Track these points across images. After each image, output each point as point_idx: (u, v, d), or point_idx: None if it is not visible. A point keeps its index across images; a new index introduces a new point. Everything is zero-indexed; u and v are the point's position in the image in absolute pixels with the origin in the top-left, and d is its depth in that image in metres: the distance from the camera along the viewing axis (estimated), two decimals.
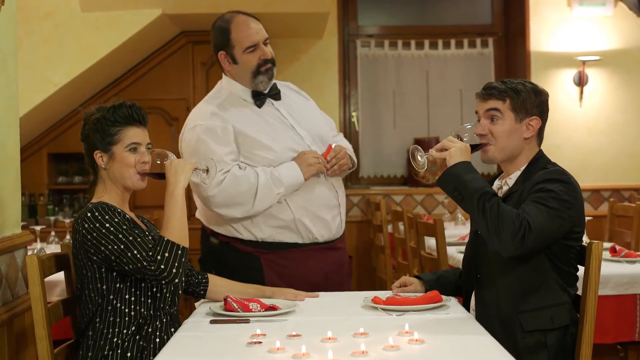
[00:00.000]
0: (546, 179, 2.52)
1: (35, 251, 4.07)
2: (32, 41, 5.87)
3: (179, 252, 2.46)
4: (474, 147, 2.64)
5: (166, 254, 2.44)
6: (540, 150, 2.69)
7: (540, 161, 2.65)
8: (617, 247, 3.73)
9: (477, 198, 2.47)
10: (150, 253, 2.44)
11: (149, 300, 2.54)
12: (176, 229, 2.50)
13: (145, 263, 2.43)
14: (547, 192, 2.49)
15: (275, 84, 3.27)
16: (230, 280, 2.89)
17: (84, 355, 2.50)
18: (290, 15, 6.44)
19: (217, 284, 2.83)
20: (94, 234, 2.46)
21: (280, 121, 3.21)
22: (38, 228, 4.51)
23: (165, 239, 2.46)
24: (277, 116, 3.22)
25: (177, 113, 6.76)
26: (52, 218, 5.58)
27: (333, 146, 3.20)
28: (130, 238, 2.45)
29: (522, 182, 2.60)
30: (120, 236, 2.45)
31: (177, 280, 2.47)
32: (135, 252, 2.44)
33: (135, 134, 2.61)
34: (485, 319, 2.54)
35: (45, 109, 6.14)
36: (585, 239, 2.73)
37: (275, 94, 3.26)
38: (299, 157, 3.13)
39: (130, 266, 2.45)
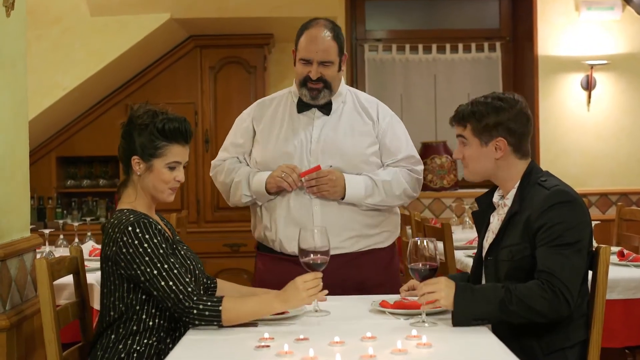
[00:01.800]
0: (550, 206, 2.46)
1: (44, 254, 4.09)
2: (41, 45, 5.88)
3: (213, 322, 2.40)
4: (433, 271, 2.48)
5: (206, 313, 2.40)
6: (532, 162, 2.63)
7: (532, 175, 2.58)
8: (625, 252, 3.73)
9: (499, 311, 2.41)
10: (195, 292, 2.41)
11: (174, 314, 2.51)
12: (236, 313, 2.41)
13: (181, 296, 2.40)
14: (558, 225, 2.43)
15: (331, 101, 3.16)
16: (238, 284, 2.90)
17: (100, 356, 2.50)
18: (298, 19, 6.38)
19: (225, 287, 2.83)
20: (130, 250, 2.44)
21: (304, 130, 3.15)
22: (47, 231, 4.51)
23: (221, 307, 2.40)
24: (306, 125, 3.16)
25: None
26: (60, 221, 5.57)
27: (323, 167, 3.05)
28: (166, 266, 2.43)
29: (520, 201, 2.55)
30: (155, 260, 2.43)
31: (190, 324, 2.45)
32: (170, 283, 2.41)
33: (179, 153, 2.60)
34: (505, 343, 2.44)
35: (54, 112, 6.16)
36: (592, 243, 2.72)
37: (324, 108, 3.17)
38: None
39: (159, 293, 2.42)
